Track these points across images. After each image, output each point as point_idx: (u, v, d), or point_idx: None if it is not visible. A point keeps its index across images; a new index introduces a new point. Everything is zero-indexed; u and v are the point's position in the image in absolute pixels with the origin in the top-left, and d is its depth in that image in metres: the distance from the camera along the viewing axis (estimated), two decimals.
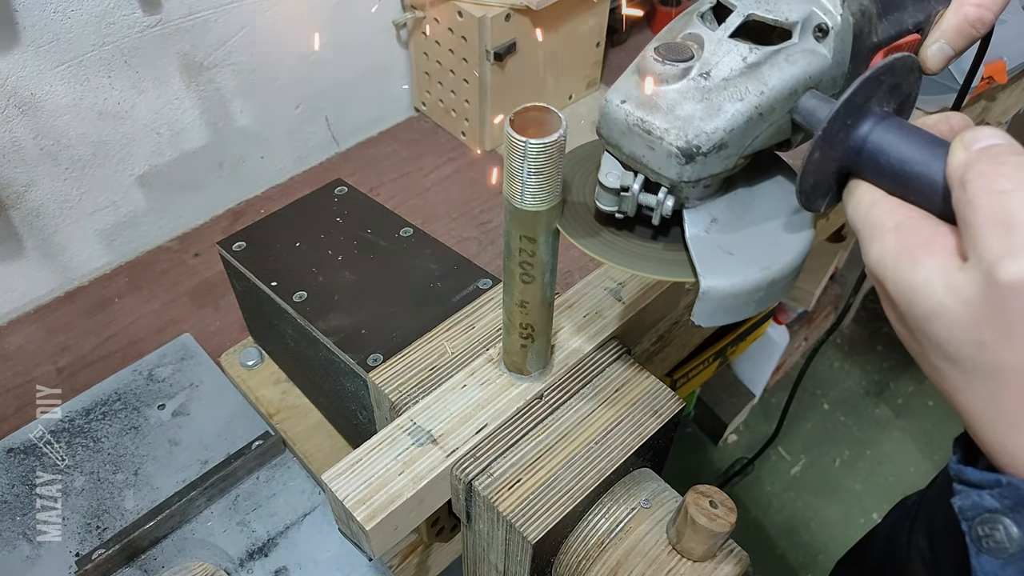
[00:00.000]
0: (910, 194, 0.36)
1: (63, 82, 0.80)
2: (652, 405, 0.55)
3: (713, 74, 0.39)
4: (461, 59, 1.01)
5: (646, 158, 0.40)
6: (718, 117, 0.38)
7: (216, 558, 0.65)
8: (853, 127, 0.36)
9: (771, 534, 1.73)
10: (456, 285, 0.65)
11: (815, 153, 0.36)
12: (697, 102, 0.39)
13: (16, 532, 0.66)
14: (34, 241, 0.87)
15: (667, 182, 0.41)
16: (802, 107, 0.39)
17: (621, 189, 0.42)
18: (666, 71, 0.39)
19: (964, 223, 0.32)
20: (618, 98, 0.40)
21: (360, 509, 0.48)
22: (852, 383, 2.02)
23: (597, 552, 0.51)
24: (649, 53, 0.40)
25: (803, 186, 0.38)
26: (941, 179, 0.34)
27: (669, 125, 0.39)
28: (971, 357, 0.32)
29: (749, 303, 0.42)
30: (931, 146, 0.35)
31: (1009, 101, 1.23)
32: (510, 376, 0.55)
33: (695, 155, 0.39)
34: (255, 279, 0.69)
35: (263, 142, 1.02)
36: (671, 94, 0.39)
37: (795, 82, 0.39)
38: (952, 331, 0.32)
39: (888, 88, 0.37)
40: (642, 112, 0.39)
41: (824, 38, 0.40)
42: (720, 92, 0.39)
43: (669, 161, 0.39)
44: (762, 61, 0.39)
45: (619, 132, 0.41)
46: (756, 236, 0.42)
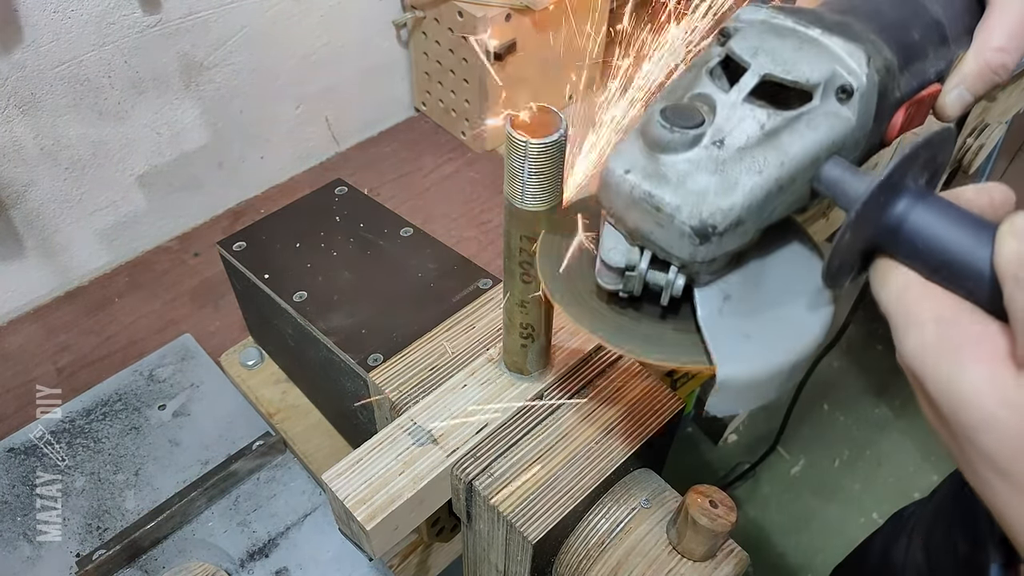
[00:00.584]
0: (951, 282, 0.32)
1: (63, 82, 0.79)
2: (652, 405, 0.55)
3: (728, 143, 0.35)
4: (461, 59, 1.01)
5: (654, 235, 0.36)
6: (735, 192, 0.34)
7: (217, 559, 0.65)
8: (887, 205, 0.33)
9: (771, 534, 1.73)
10: (456, 285, 0.65)
11: (846, 235, 0.33)
12: (711, 174, 0.35)
13: (16, 532, 0.66)
14: (34, 241, 0.87)
15: (678, 261, 0.37)
16: (826, 177, 0.36)
17: (627, 268, 0.38)
18: (675, 139, 0.35)
19: (1020, 325, 0.29)
20: (622, 167, 0.36)
21: (360, 509, 0.48)
22: (852, 384, 2.02)
23: (597, 552, 0.51)
24: (655, 118, 0.36)
25: (831, 269, 0.35)
26: (987, 268, 0.31)
27: (681, 201, 0.35)
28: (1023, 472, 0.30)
29: (770, 389, 0.39)
30: (976, 230, 0.32)
31: (1009, 101, 1.23)
32: (510, 376, 0.55)
33: (711, 235, 0.35)
34: (255, 279, 0.69)
35: (263, 142, 1.02)
36: (681, 164, 0.35)
37: (817, 149, 0.35)
38: (1005, 445, 0.30)
39: (924, 162, 0.34)
40: (650, 185, 0.35)
41: (848, 100, 0.36)
42: (736, 163, 0.35)
43: (681, 241, 0.35)
44: (781, 127, 0.35)
45: (623, 204, 0.37)
46: (774, 316, 0.39)
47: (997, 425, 0.29)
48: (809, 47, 0.36)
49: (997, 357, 0.30)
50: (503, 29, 0.96)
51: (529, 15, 0.97)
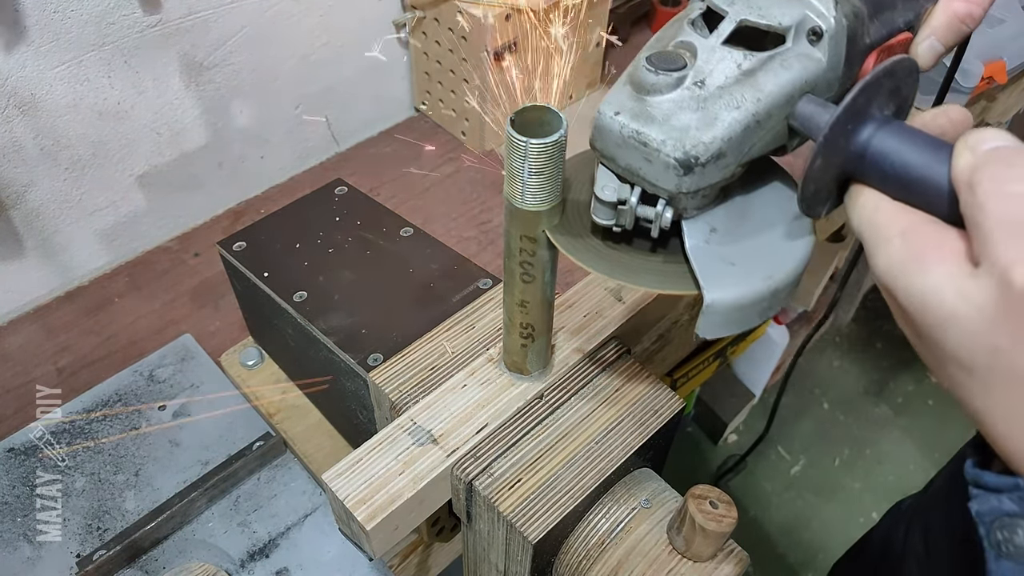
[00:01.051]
0: (914, 198, 0.35)
1: (63, 82, 0.80)
2: (652, 405, 0.55)
3: (708, 83, 0.38)
4: (461, 59, 1.01)
5: (643, 170, 0.40)
6: (715, 127, 0.38)
7: (217, 559, 0.65)
8: (854, 132, 0.36)
9: (771, 533, 1.74)
10: (456, 285, 0.65)
11: (817, 160, 0.36)
12: (693, 112, 0.38)
13: (17, 533, 0.66)
14: (34, 241, 0.87)
15: (665, 193, 0.40)
16: (799, 113, 0.39)
17: (618, 202, 0.41)
18: (660, 81, 0.39)
19: (974, 227, 0.31)
20: (611, 110, 0.40)
21: (361, 509, 0.48)
22: (852, 382, 2.02)
23: (598, 552, 0.51)
24: (641, 63, 0.39)
25: (804, 193, 0.37)
26: (946, 182, 0.33)
27: (665, 136, 0.38)
28: (986, 364, 0.31)
29: (753, 313, 0.41)
30: (934, 149, 0.34)
31: (1009, 101, 1.23)
32: (510, 376, 0.55)
33: (693, 166, 0.38)
34: (255, 279, 0.69)
35: (263, 142, 1.02)
36: (666, 104, 0.39)
37: (791, 88, 0.38)
38: (965, 339, 0.32)
39: (888, 92, 0.37)
40: (637, 124, 0.39)
41: (818, 42, 0.39)
42: (716, 101, 0.38)
43: (667, 173, 0.39)
44: (757, 68, 0.38)
45: (614, 144, 0.40)
46: (757, 245, 0.42)
47: (958, 321, 0.31)
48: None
49: (956, 258, 0.32)
50: (503, 29, 0.96)
51: (529, 15, 0.97)
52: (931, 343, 0.34)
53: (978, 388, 0.32)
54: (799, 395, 1.98)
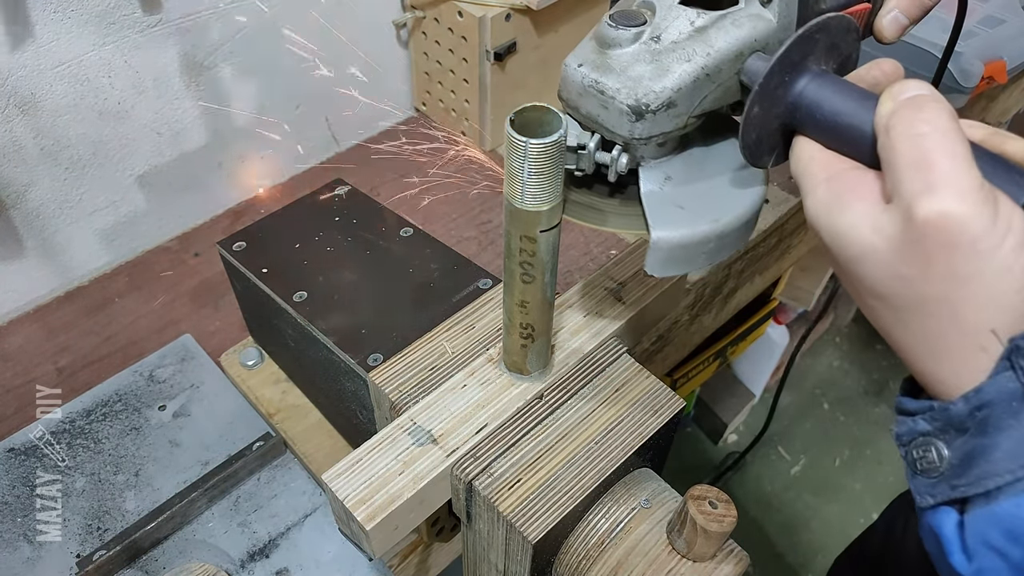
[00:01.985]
0: (844, 146, 0.37)
1: (63, 82, 0.80)
2: (652, 405, 0.55)
3: (663, 38, 0.41)
4: (461, 59, 1.01)
5: (600, 117, 0.43)
6: (666, 77, 0.41)
7: (217, 559, 0.65)
8: (790, 84, 0.38)
9: (771, 533, 1.73)
10: (456, 285, 0.65)
11: (753, 108, 0.38)
12: (647, 64, 0.41)
13: (17, 533, 0.66)
14: (34, 241, 0.87)
15: (620, 139, 0.43)
16: (748, 68, 0.42)
17: (578, 147, 0.44)
18: (619, 35, 0.42)
19: (887, 166, 0.34)
20: (576, 62, 0.43)
21: (360, 509, 0.48)
22: (852, 382, 2.02)
23: (597, 552, 0.51)
24: (605, 20, 0.42)
25: (745, 141, 0.39)
26: (871, 129, 0.35)
27: (620, 85, 0.41)
28: (897, 292, 0.34)
29: (699, 255, 0.44)
30: (862, 99, 0.36)
31: (1009, 101, 1.23)
32: (510, 376, 0.55)
33: (644, 113, 0.41)
34: (255, 279, 0.69)
35: (263, 142, 1.02)
36: (624, 57, 0.42)
37: (741, 45, 0.41)
38: (878, 269, 0.34)
39: (825, 47, 0.39)
40: (597, 74, 0.42)
41: (769, 3, 0.42)
42: (669, 54, 0.41)
43: (620, 119, 0.42)
44: (709, 25, 0.41)
45: (576, 93, 0.43)
46: (708, 191, 0.45)
47: (872, 252, 0.34)
48: None
49: (871, 196, 0.35)
50: (503, 29, 0.96)
51: (529, 15, 0.97)
52: (851, 276, 0.36)
53: (892, 315, 0.35)
54: (799, 395, 1.98)
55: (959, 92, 1.04)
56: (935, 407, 0.34)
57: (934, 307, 0.33)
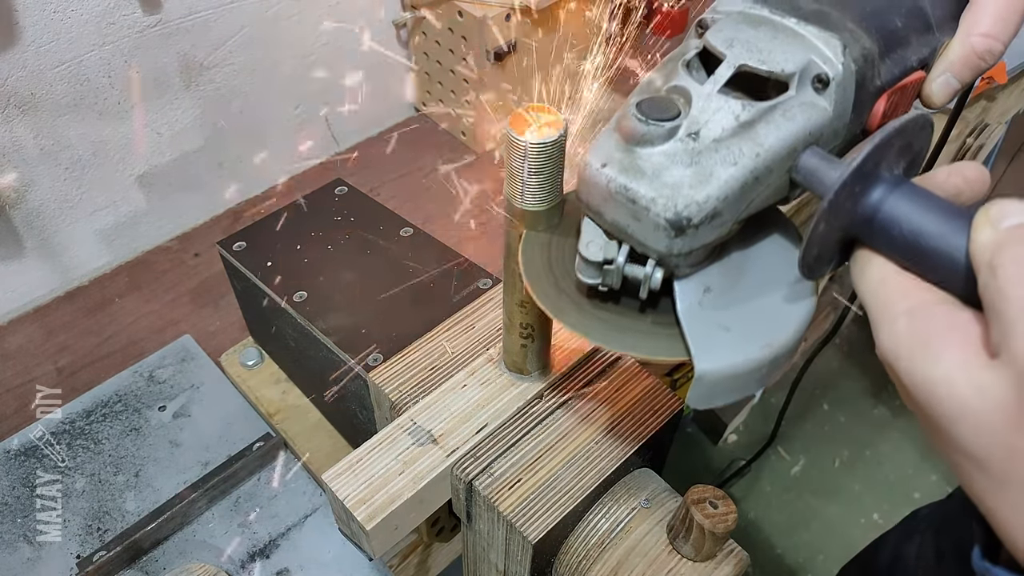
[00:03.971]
0: (926, 271, 0.32)
1: (63, 82, 0.79)
2: (652, 405, 0.55)
3: (703, 134, 0.35)
4: (461, 59, 1.01)
5: (631, 228, 0.36)
6: (710, 184, 0.34)
7: (217, 560, 0.65)
8: (862, 195, 0.33)
9: (771, 534, 1.73)
10: (456, 285, 0.65)
11: (820, 225, 0.33)
12: (686, 167, 0.35)
13: (17, 534, 0.66)
14: (34, 241, 0.87)
15: (655, 255, 0.37)
16: (803, 167, 0.35)
17: (605, 262, 0.38)
18: (651, 131, 0.35)
19: (994, 314, 0.28)
20: (599, 161, 0.36)
21: (360, 509, 0.48)
22: (851, 383, 2.02)
23: (597, 552, 0.51)
24: (631, 111, 0.36)
25: (807, 258, 0.34)
26: (962, 256, 0.30)
27: (656, 194, 0.35)
28: (1002, 464, 0.29)
29: (750, 382, 0.38)
30: (950, 217, 0.31)
31: (1009, 101, 1.23)
32: (510, 376, 0.55)
33: (686, 227, 0.35)
34: (255, 279, 0.69)
35: (263, 142, 1.02)
36: (657, 157, 0.35)
37: (794, 140, 0.35)
38: (980, 435, 0.29)
39: (899, 149, 0.34)
40: (625, 178, 0.35)
41: (824, 90, 0.35)
42: (711, 155, 0.35)
43: (657, 234, 0.35)
44: (757, 119, 0.35)
45: (600, 198, 0.37)
46: (754, 308, 0.38)
47: (971, 415, 0.29)
48: (784, 36, 0.35)
49: (969, 346, 0.29)
50: (503, 29, 0.96)
51: (529, 15, 0.97)
52: (940, 432, 0.31)
53: (992, 486, 0.30)
54: (799, 396, 1.98)
55: None
56: None
57: None
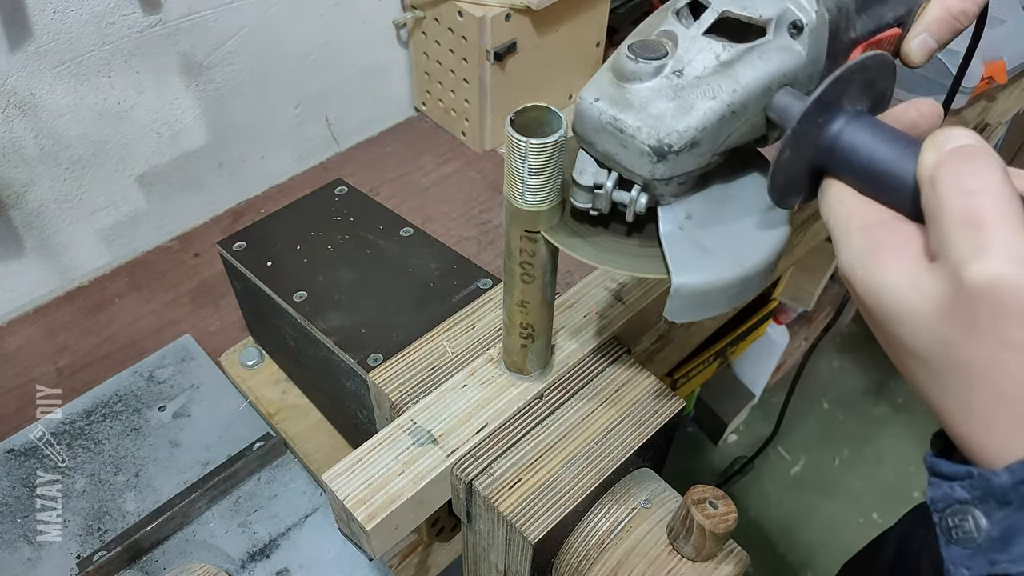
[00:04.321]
0: (881, 194, 0.35)
1: (63, 82, 0.79)
2: (652, 405, 0.55)
3: (686, 72, 0.39)
4: (461, 59, 1.01)
5: (619, 156, 0.40)
6: (690, 115, 0.38)
7: (218, 560, 0.65)
8: (824, 125, 0.36)
9: (771, 533, 1.73)
10: (456, 285, 0.65)
11: (785, 152, 0.36)
12: (669, 100, 0.39)
13: (17, 535, 0.66)
14: (34, 241, 0.87)
15: (640, 179, 0.41)
16: (776, 104, 0.39)
17: (595, 186, 0.42)
18: (639, 69, 0.39)
19: (932, 222, 0.32)
20: (592, 96, 0.40)
21: (360, 509, 0.48)
22: (851, 382, 2.02)
23: (597, 552, 0.51)
24: (623, 51, 0.40)
25: (774, 184, 0.38)
26: (911, 179, 0.34)
27: (641, 123, 0.39)
28: (939, 356, 0.32)
29: (721, 299, 0.42)
30: (903, 145, 0.35)
31: (1009, 101, 1.23)
32: (510, 376, 0.55)
33: (667, 153, 0.39)
34: (255, 279, 0.69)
35: (263, 142, 1.02)
36: (644, 92, 0.39)
37: (768, 80, 0.39)
38: (920, 331, 0.33)
39: (861, 86, 0.37)
40: (615, 110, 0.39)
41: (799, 35, 0.39)
42: (693, 90, 0.38)
43: (641, 159, 0.39)
44: (735, 59, 0.39)
45: (593, 129, 0.41)
46: (731, 233, 0.42)
47: (913, 315, 0.32)
48: None
49: (913, 254, 0.33)
50: (503, 29, 0.96)
51: (529, 15, 0.97)
52: (889, 336, 0.34)
53: (932, 378, 0.34)
54: (799, 395, 1.98)
55: (959, 92, 1.04)
56: (975, 474, 0.32)
57: (981, 374, 0.31)
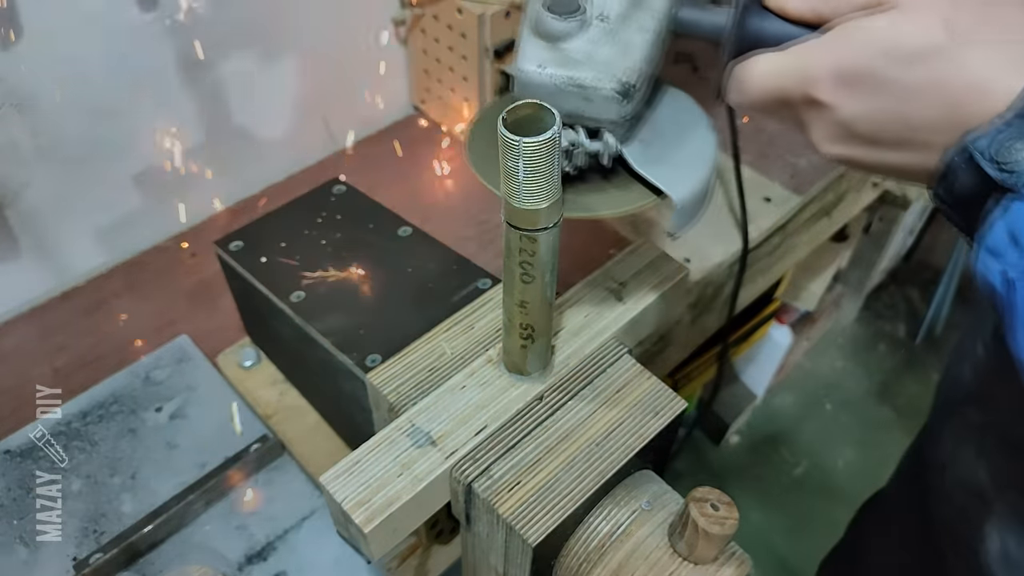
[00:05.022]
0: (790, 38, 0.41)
1: (60, 80, 0.79)
2: (653, 406, 0.54)
3: (609, 14, 0.42)
4: (460, 57, 1.00)
5: (584, 110, 0.43)
6: (634, 51, 0.41)
7: (215, 562, 0.65)
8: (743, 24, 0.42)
9: (773, 536, 1.73)
10: (455, 285, 0.64)
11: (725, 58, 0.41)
12: (610, 45, 0.41)
13: (12, 536, 0.66)
14: (30, 241, 0.86)
15: (609, 124, 0.44)
16: (685, 20, 0.43)
17: (571, 146, 0.44)
18: (568, 26, 0.41)
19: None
20: (533, 65, 0.42)
21: (358, 511, 0.47)
22: (855, 384, 2.02)
23: (598, 555, 0.51)
24: (543, 14, 0.41)
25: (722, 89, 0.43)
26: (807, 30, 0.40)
27: (597, 73, 0.41)
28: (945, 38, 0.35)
29: (703, 201, 0.47)
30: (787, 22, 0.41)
31: None
32: (510, 377, 0.55)
33: (631, 91, 0.42)
34: (252, 279, 0.69)
35: (260, 140, 1.01)
36: (582, 45, 0.41)
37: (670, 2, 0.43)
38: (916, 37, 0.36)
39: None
40: (566, 70, 0.41)
41: None
42: (624, 28, 0.41)
43: (608, 105, 0.42)
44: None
45: (549, 95, 0.42)
46: (680, 146, 0.47)
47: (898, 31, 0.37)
48: None
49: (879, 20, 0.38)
50: (503, 26, 0.95)
51: None
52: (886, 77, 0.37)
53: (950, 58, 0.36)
54: (802, 396, 1.98)
55: None
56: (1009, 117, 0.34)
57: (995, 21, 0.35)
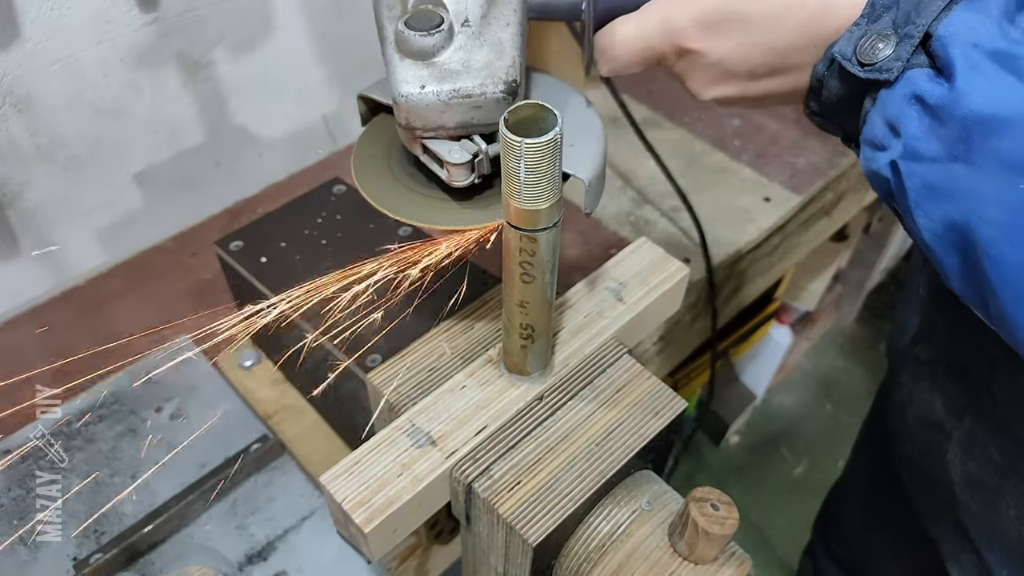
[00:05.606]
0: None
1: (59, 80, 0.79)
2: (653, 406, 0.54)
3: (471, 19, 0.42)
4: None
5: (475, 118, 0.43)
6: (507, 48, 0.42)
7: (215, 562, 0.65)
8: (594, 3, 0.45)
9: (773, 536, 1.73)
10: (455, 285, 0.64)
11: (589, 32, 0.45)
12: (481, 47, 0.42)
13: (12, 536, 0.66)
14: (30, 240, 0.86)
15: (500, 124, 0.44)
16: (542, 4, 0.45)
17: (474, 157, 0.44)
18: (436, 40, 0.41)
19: None
20: (415, 88, 0.42)
21: (358, 512, 0.47)
22: (855, 383, 2.02)
23: (598, 555, 0.51)
24: (406, 33, 0.42)
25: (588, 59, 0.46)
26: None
27: (480, 80, 0.41)
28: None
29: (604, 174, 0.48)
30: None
31: None
32: (510, 377, 0.55)
33: (516, 88, 0.42)
34: (252, 279, 0.69)
35: (260, 140, 1.01)
36: (455, 55, 0.42)
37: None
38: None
39: None
40: (449, 84, 0.41)
41: None
42: (490, 29, 0.42)
43: (499, 107, 0.42)
44: None
45: (438, 112, 0.42)
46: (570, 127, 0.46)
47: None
48: None
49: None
50: None
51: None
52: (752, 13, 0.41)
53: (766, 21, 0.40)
54: (802, 396, 1.98)
55: None
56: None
57: None
